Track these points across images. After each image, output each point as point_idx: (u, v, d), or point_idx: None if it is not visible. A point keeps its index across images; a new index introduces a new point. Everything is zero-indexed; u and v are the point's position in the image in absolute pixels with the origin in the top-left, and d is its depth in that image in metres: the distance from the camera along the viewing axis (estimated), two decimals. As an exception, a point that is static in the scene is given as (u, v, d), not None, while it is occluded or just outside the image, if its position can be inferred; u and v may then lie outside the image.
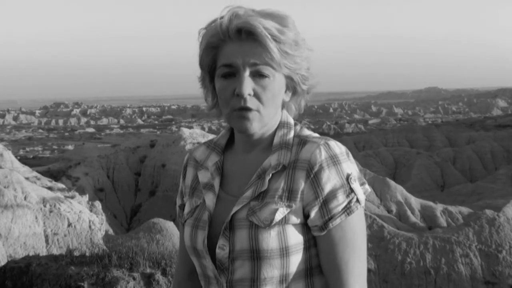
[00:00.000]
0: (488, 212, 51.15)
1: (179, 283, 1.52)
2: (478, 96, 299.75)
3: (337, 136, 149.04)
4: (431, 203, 63.39)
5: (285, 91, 1.31)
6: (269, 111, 1.27)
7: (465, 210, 62.15)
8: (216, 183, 1.35)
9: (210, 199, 1.34)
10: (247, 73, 1.23)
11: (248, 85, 1.23)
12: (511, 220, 50.79)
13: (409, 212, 60.22)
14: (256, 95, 1.24)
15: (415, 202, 62.56)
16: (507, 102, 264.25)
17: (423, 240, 48.26)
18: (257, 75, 1.24)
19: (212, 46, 1.27)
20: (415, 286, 47.03)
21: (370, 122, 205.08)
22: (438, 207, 62.15)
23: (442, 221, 59.61)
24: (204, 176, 1.38)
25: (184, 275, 1.51)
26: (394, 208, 60.42)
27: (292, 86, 1.31)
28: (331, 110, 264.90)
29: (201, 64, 1.31)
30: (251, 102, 1.24)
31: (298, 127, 1.35)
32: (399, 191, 62.63)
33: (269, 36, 1.21)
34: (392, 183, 64.36)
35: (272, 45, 1.21)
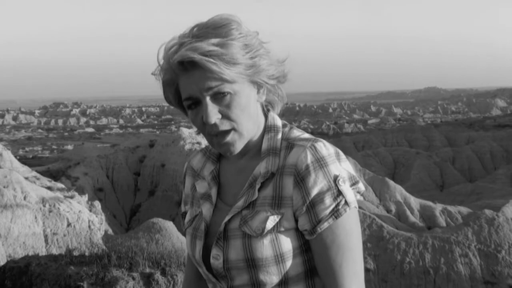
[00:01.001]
0: (487, 212, 51.15)
1: (188, 282, 1.54)
2: (478, 96, 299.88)
3: (336, 136, 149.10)
4: (430, 203, 63.40)
5: (257, 92, 1.30)
6: (245, 125, 1.26)
7: (464, 210, 62.16)
8: (213, 193, 1.36)
9: (207, 209, 1.35)
10: (207, 99, 1.22)
11: (212, 111, 1.22)
12: (510, 220, 50.79)
13: (408, 212, 60.24)
14: (225, 116, 1.23)
15: (414, 202, 62.58)
16: (506, 102, 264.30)
17: (422, 240, 48.27)
18: (219, 96, 1.22)
19: (169, 83, 1.28)
20: (414, 286, 47.04)
21: (370, 122, 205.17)
22: (437, 207, 62.17)
23: (441, 221, 59.63)
24: (201, 187, 1.40)
25: (193, 274, 1.53)
26: (393, 208, 60.45)
27: (261, 88, 1.30)
28: (330, 110, 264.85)
29: (168, 101, 1.32)
30: (223, 125, 1.24)
31: (286, 129, 1.33)
32: (398, 191, 62.66)
33: (210, 59, 1.19)
34: (391, 183, 64.39)
35: (215, 67, 1.19)
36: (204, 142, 76.33)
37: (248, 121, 1.26)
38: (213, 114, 1.22)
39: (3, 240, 23.66)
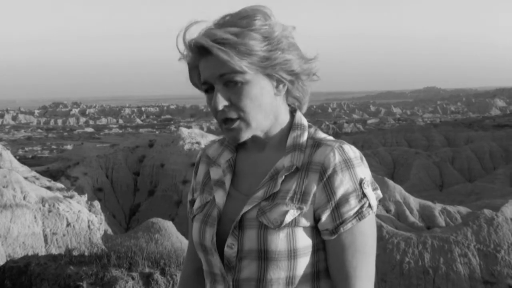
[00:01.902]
0: (487, 211, 51.18)
1: (186, 279, 1.52)
2: (477, 96, 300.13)
3: (336, 136, 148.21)
4: (429, 203, 63.43)
5: (276, 87, 1.29)
6: (253, 115, 1.26)
7: (464, 209, 62.20)
8: (227, 180, 1.35)
9: (220, 196, 1.34)
10: (219, 86, 1.24)
11: (220, 98, 1.23)
12: (510, 219, 50.84)
13: (407, 212, 60.27)
14: (233, 104, 1.24)
15: (414, 201, 62.59)
16: (506, 102, 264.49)
17: (422, 240, 48.30)
18: (230, 84, 1.23)
19: (193, 66, 1.30)
20: (414, 286, 47.07)
21: (369, 122, 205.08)
22: (437, 207, 62.20)
23: (441, 220, 59.67)
24: (215, 173, 1.39)
25: (192, 271, 1.51)
26: (392, 207, 60.46)
27: (277, 84, 1.29)
28: (329, 110, 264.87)
29: (193, 84, 1.34)
30: (231, 112, 1.24)
31: (312, 129, 1.34)
32: (398, 191, 62.66)
33: (221, 47, 1.20)
34: (390, 182, 64.38)
35: (225, 55, 1.20)
36: (203, 143, 76.39)
37: (257, 112, 1.26)
38: (221, 101, 1.23)
39: (2, 240, 23.67)
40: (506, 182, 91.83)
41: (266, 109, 1.28)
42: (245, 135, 1.27)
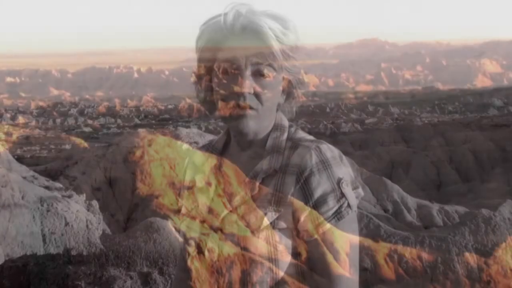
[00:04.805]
0: (484, 211, 50.93)
1: (179, 281, 1.53)
2: (475, 96, 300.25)
3: (334, 136, 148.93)
4: (427, 203, 63.16)
5: (281, 93, 1.31)
6: (267, 112, 1.27)
7: (461, 209, 62.05)
8: (212, 186, 1.37)
9: (203, 203, 1.36)
10: (248, 71, 1.23)
11: (248, 83, 1.23)
12: (507, 219, 50.92)
13: (405, 212, 60.03)
14: (256, 94, 1.24)
15: (411, 201, 62.41)
16: (503, 102, 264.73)
17: (419, 240, 48.29)
18: (258, 75, 1.24)
19: (214, 41, 1.27)
20: (412, 285, 47.07)
21: (367, 121, 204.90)
22: (434, 207, 62.06)
23: (439, 220, 59.48)
24: (201, 180, 1.40)
25: (184, 274, 1.51)
26: (390, 207, 60.31)
27: (288, 89, 1.31)
28: (327, 110, 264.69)
29: (201, 58, 1.32)
30: (251, 100, 1.24)
31: (292, 129, 1.35)
32: (396, 191, 62.40)
33: (274, 37, 1.21)
34: (388, 182, 64.08)
35: (276, 46, 1.21)
36: (202, 142, 76.36)
37: (270, 110, 1.28)
38: (248, 85, 1.23)
39: (1, 239, 23.66)
40: (503, 181, 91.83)
41: (273, 109, 1.30)
42: (253, 127, 1.27)
